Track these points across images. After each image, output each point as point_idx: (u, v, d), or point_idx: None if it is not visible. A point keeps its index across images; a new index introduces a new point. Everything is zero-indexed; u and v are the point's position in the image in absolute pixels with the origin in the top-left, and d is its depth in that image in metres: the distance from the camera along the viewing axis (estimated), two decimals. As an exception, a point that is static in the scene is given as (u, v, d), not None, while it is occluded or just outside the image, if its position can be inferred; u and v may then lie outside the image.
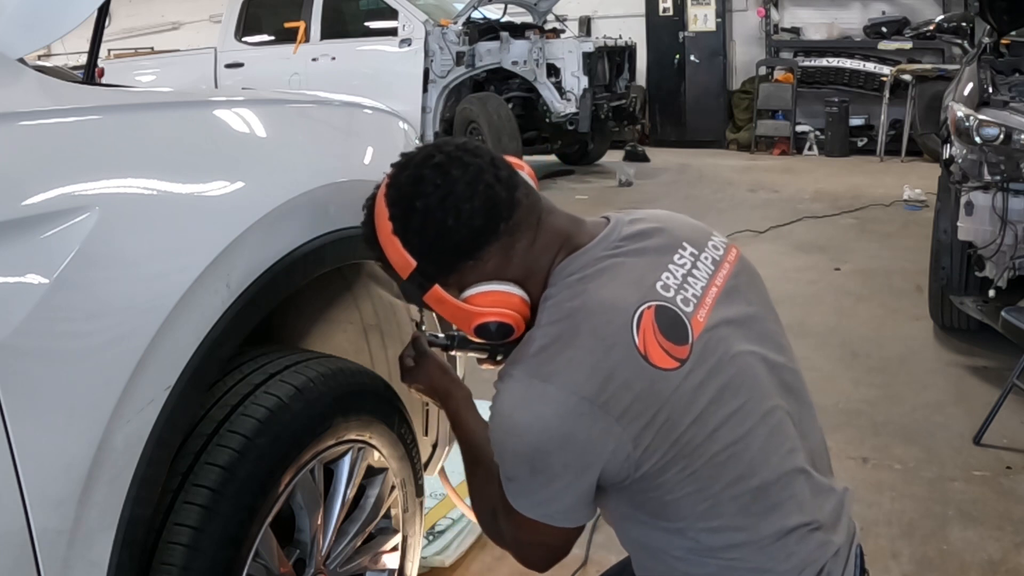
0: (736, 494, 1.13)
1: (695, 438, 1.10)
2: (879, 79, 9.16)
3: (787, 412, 1.21)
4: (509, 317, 1.15)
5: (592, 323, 1.10)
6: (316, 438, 1.32)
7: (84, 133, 1.10)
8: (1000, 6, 3.73)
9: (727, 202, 6.98)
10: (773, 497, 1.16)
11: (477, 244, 1.13)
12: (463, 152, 1.15)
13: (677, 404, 1.09)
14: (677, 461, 1.10)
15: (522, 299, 1.16)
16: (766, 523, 1.15)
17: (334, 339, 1.78)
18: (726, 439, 1.12)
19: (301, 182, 1.35)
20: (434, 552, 2.18)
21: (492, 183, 1.13)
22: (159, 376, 1.07)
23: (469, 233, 1.12)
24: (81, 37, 1.51)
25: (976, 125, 3.22)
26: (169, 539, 1.13)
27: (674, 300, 1.14)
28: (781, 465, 1.17)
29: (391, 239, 1.15)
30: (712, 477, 1.12)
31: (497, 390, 1.13)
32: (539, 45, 7.70)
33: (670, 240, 1.22)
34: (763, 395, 1.18)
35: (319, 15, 8.17)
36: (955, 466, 2.68)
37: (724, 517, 1.13)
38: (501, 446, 1.12)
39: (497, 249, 1.14)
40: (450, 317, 1.19)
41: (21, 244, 0.94)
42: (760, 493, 1.14)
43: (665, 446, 1.09)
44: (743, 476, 1.13)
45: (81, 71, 1.57)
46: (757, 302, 1.27)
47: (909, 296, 4.32)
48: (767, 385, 1.20)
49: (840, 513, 1.25)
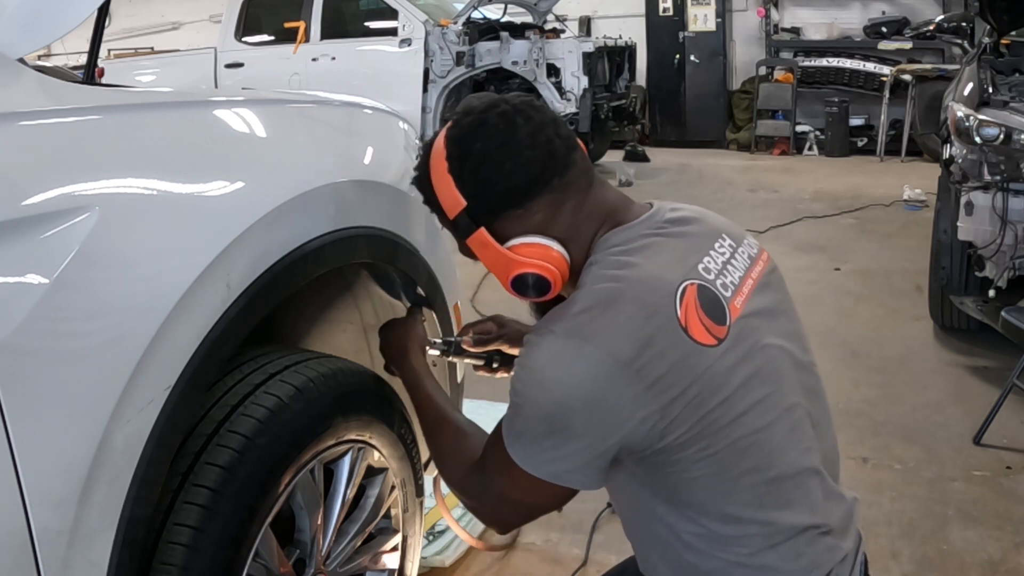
0: (752, 483, 1.13)
1: (721, 419, 1.09)
2: (879, 79, 9.16)
3: (807, 412, 1.21)
4: (549, 272, 1.15)
5: (636, 291, 1.09)
6: (316, 438, 1.32)
7: (84, 133, 1.10)
8: (1000, 6, 3.73)
9: (727, 202, 6.97)
10: (787, 492, 1.15)
11: (529, 193, 1.14)
12: (528, 106, 1.17)
13: (709, 382, 1.09)
14: (700, 439, 1.09)
15: (563, 257, 1.16)
16: (778, 518, 1.14)
17: (334, 339, 1.78)
18: (750, 426, 1.12)
19: (301, 182, 1.35)
20: (434, 552, 2.18)
21: (553, 137, 1.15)
22: (159, 376, 1.07)
23: (523, 180, 1.13)
24: (81, 37, 1.51)
25: (976, 125, 3.22)
26: (169, 539, 1.13)
27: (714, 283, 1.15)
28: (798, 462, 1.17)
29: (445, 178, 1.16)
30: (731, 462, 1.11)
31: (530, 344, 1.11)
32: (539, 45, 7.70)
33: (710, 230, 1.23)
34: (787, 390, 1.18)
35: (319, 15, 8.17)
36: (955, 466, 2.68)
37: (737, 505, 1.13)
38: (523, 398, 1.10)
39: (546, 203, 1.15)
40: (490, 263, 1.19)
41: (21, 244, 0.94)
42: (775, 486, 1.14)
43: (691, 421, 1.08)
44: (761, 466, 1.13)
45: (81, 71, 1.57)
46: (786, 303, 1.28)
47: (909, 296, 4.32)
48: (792, 381, 1.20)
49: (849, 521, 1.24)
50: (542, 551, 2.27)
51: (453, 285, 1.87)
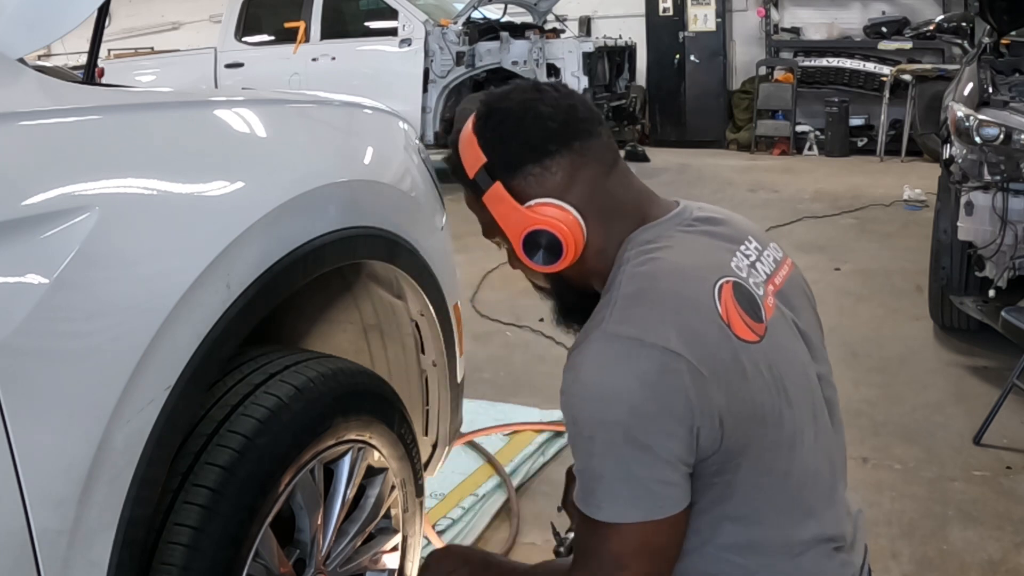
0: (783, 489, 1.10)
1: (765, 419, 1.06)
2: (879, 79, 9.16)
3: (827, 422, 1.20)
4: (562, 232, 1.10)
5: (675, 285, 1.06)
6: (316, 438, 1.32)
7: (84, 133, 1.10)
8: (1000, 6, 3.73)
9: (727, 202, 6.96)
10: (810, 503, 1.13)
11: (546, 147, 1.12)
12: (558, 83, 1.21)
13: (755, 380, 1.05)
14: (751, 440, 1.05)
15: (579, 223, 1.12)
16: (802, 529, 1.12)
17: (334, 339, 1.78)
18: (785, 429, 1.08)
19: (301, 182, 1.35)
20: (434, 552, 2.18)
21: (577, 105, 1.15)
22: (159, 376, 1.07)
23: (541, 132, 1.12)
24: (81, 37, 1.51)
25: (976, 125, 3.22)
26: (169, 539, 1.13)
27: (747, 280, 1.12)
28: (821, 473, 1.15)
29: (470, 138, 1.17)
30: (770, 466, 1.08)
31: (574, 360, 1.05)
32: (539, 45, 7.70)
33: (737, 231, 1.22)
34: (812, 398, 1.16)
35: (319, 15, 8.17)
36: (955, 466, 2.68)
37: (767, 512, 1.10)
38: (589, 424, 1.01)
39: (566, 164, 1.13)
40: (504, 220, 1.14)
41: (21, 244, 0.94)
42: (800, 495, 1.12)
43: (745, 420, 1.03)
44: (790, 473, 1.10)
45: (81, 71, 1.57)
46: (809, 312, 1.26)
47: (909, 296, 4.32)
48: (816, 391, 1.18)
49: (857, 534, 1.23)
50: (543, 551, 2.27)
51: (453, 285, 1.87)
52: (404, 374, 1.82)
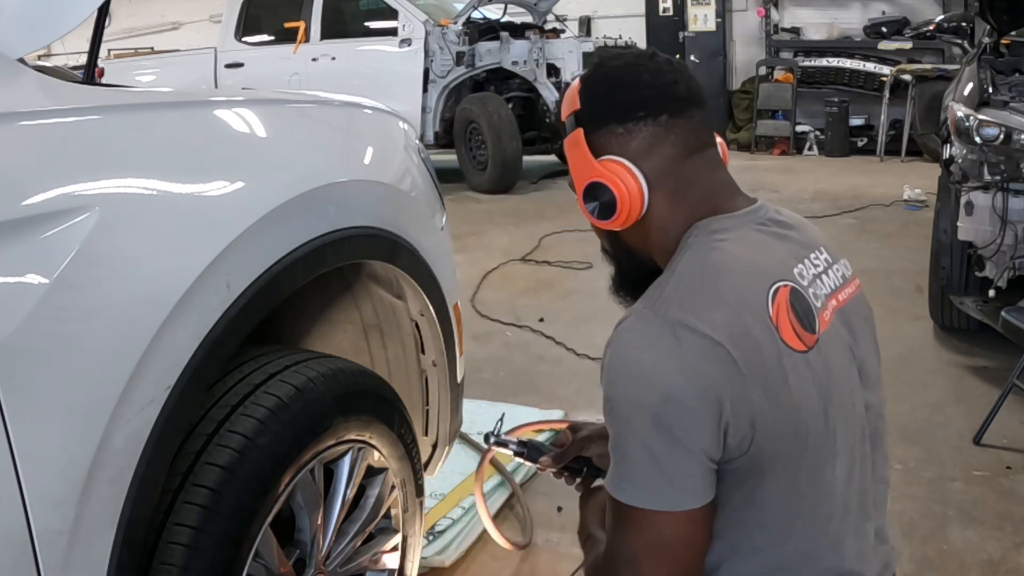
0: (813, 513, 1.07)
1: (801, 432, 1.03)
2: (879, 79, 9.16)
3: (868, 455, 1.16)
4: (620, 192, 1.11)
5: (732, 280, 1.05)
6: (316, 438, 1.32)
7: (84, 133, 1.10)
8: (1000, 6, 3.73)
9: (727, 202, 6.97)
10: (838, 533, 1.09)
11: (633, 112, 1.13)
12: (677, 63, 1.22)
13: (796, 389, 1.03)
14: (781, 450, 1.02)
15: (642, 190, 1.12)
16: (827, 558, 1.09)
17: (334, 339, 1.78)
18: (822, 448, 1.06)
19: (301, 182, 1.35)
20: (434, 552, 2.18)
21: (679, 82, 1.16)
22: (159, 376, 1.07)
23: (632, 96, 1.14)
24: (81, 37, 1.51)
25: (976, 125, 3.22)
26: (169, 539, 1.13)
27: (807, 290, 1.10)
28: (850, 504, 1.11)
29: (576, 85, 1.19)
30: (791, 483, 1.05)
31: (618, 333, 1.04)
32: (539, 45, 7.70)
33: (809, 239, 1.19)
34: (854, 424, 1.13)
35: (319, 15, 8.17)
36: (955, 466, 2.68)
37: (786, 533, 1.07)
38: (622, 404, 1.01)
39: (648, 133, 1.13)
40: (573, 165, 1.18)
41: (21, 244, 0.94)
42: (829, 523, 1.08)
43: (778, 427, 1.01)
44: (823, 498, 1.07)
45: (81, 71, 1.57)
46: (868, 338, 1.21)
47: (909, 296, 4.31)
48: (859, 419, 1.14)
49: (886, 573, 1.19)
50: (543, 551, 2.27)
51: (453, 285, 1.87)
52: (404, 374, 1.82)
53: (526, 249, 5.53)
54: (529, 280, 4.92)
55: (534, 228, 6.10)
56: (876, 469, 1.19)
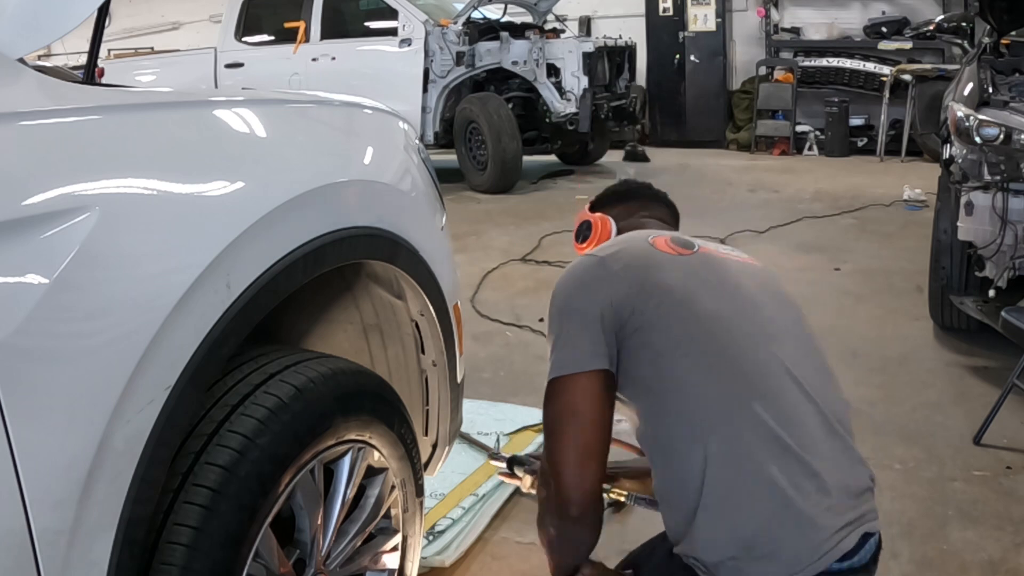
0: (711, 362, 1.39)
1: (681, 301, 1.42)
2: (879, 79, 9.16)
3: (786, 350, 1.44)
4: (594, 224, 1.77)
5: (629, 236, 1.61)
6: (316, 438, 1.33)
7: (84, 133, 1.10)
8: (1000, 6, 3.73)
9: (727, 202, 6.98)
10: (758, 387, 1.37)
11: (615, 198, 1.85)
12: (661, 193, 1.89)
13: (671, 275, 1.45)
14: (669, 311, 1.41)
15: (611, 229, 1.75)
16: (744, 405, 1.35)
17: (334, 339, 1.78)
18: (704, 309, 1.42)
19: (301, 182, 1.35)
20: (434, 552, 2.19)
21: (649, 189, 1.88)
22: (159, 376, 1.07)
23: (620, 195, 1.86)
24: (81, 37, 1.51)
25: (976, 125, 3.22)
26: (169, 539, 1.13)
27: (692, 239, 1.56)
28: (770, 364, 1.40)
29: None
30: (686, 334, 1.40)
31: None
32: (539, 45, 7.70)
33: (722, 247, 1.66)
34: (757, 315, 1.46)
35: (319, 15, 8.17)
36: (955, 466, 2.68)
37: (697, 381, 1.38)
38: (550, 308, 1.48)
39: (622, 207, 1.81)
40: (579, 217, 1.82)
41: (21, 244, 0.94)
42: (739, 376, 1.38)
43: (659, 297, 1.42)
44: (717, 350, 1.39)
45: (81, 71, 1.57)
46: (764, 273, 1.59)
47: (909, 296, 4.32)
48: (763, 310, 1.48)
49: (841, 452, 1.46)
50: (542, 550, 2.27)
51: (453, 285, 1.87)
52: (404, 374, 1.82)
53: (526, 249, 5.53)
54: (529, 280, 4.92)
55: (534, 228, 6.10)
56: (802, 345, 1.50)
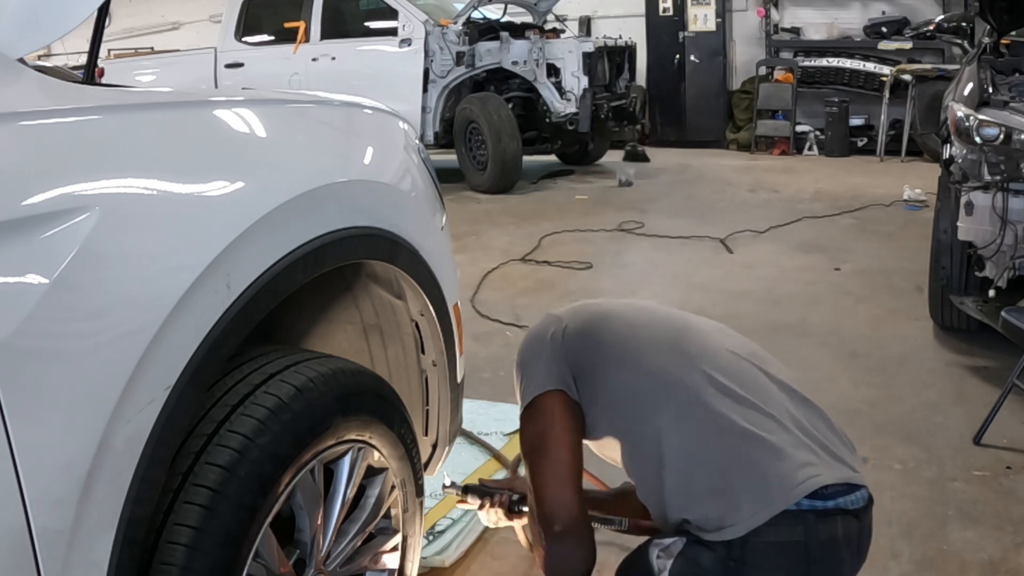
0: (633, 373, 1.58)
1: (607, 319, 1.68)
2: (879, 79, 9.16)
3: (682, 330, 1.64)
4: None
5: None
6: (316, 438, 1.32)
7: (84, 133, 1.10)
8: (1000, 6, 3.73)
9: (727, 202, 6.98)
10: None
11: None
12: None
13: (608, 305, 1.75)
14: (601, 336, 1.64)
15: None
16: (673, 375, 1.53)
17: (334, 339, 1.78)
18: (647, 325, 1.66)
19: (301, 182, 1.35)
20: (434, 552, 2.18)
21: None
22: (159, 376, 1.07)
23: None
24: (81, 37, 1.51)
25: (976, 125, 3.22)
26: (169, 539, 1.13)
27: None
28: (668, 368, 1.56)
29: None
30: (625, 346, 1.61)
31: None
32: (539, 45, 7.70)
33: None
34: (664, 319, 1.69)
35: (319, 15, 8.17)
36: (955, 466, 2.68)
37: (632, 397, 1.55)
38: (515, 366, 1.72)
39: None
40: None
41: (21, 244, 0.94)
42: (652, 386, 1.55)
43: (593, 325, 1.67)
44: (653, 383, 1.55)
45: (81, 71, 1.57)
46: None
47: (909, 296, 4.32)
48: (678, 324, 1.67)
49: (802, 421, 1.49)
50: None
51: (453, 285, 1.87)
52: (404, 374, 1.82)
53: (526, 249, 5.53)
54: (529, 280, 4.92)
55: (534, 228, 6.10)
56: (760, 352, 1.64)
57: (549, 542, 1.49)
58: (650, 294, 4.49)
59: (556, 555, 1.50)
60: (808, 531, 1.34)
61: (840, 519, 1.37)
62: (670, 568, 1.40)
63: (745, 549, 1.34)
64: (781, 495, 1.35)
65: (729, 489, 1.38)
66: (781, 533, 1.34)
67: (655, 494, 1.47)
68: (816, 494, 1.36)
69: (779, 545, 1.34)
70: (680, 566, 1.39)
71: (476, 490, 1.88)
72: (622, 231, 5.99)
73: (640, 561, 1.46)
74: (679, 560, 1.39)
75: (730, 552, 1.35)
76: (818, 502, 1.36)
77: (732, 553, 1.35)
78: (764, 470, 1.38)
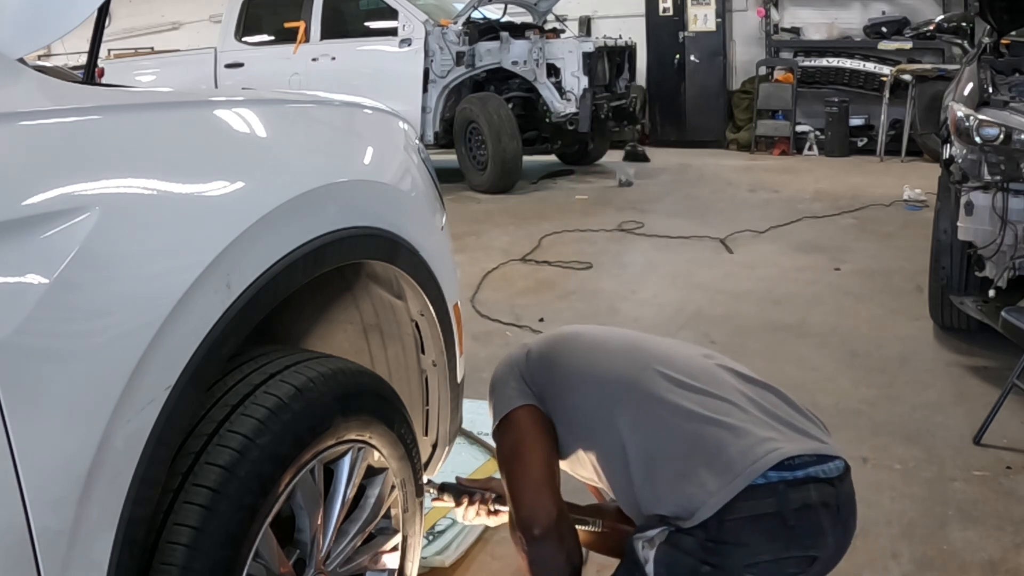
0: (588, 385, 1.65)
1: (569, 338, 1.77)
2: (879, 79, 9.16)
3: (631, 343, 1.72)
4: None
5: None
6: (316, 438, 1.32)
7: (84, 133, 1.10)
8: (1000, 6, 3.73)
9: (727, 202, 6.98)
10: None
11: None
12: None
13: (572, 328, 1.86)
14: (559, 351, 1.73)
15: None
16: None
17: (334, 339, 1.78)
18: (603, 339, 1.76)
19: (301, 182, 1.35)
20: (434, 552, 2.18)
21: None
22: (159, 376, 1.07)
23: None
24: (81, 37, 1.51)
25: (976, 125, 3.22)
26: (169, 539, 1.13)
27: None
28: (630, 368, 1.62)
29: None
30: (579, 359, 1.70)
31: None
32: (539, 45, 7.70)
33: None
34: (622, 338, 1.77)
35: (319, 15, 8.17)
36: (955, 466, 2.68)
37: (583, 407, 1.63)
38: (489, 392, 1.77)
39: None
40: None
41: (21, 244, 0.94)
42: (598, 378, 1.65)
43: (553, 346, 1.77)
44: (595, 385, 1.63)
45: (81, 71, 1.57)
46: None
47: (909, 296, 4.32)
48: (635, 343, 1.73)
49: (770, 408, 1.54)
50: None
51: (453, 285, 1.87)
52: (404, 374, 1.82)
53: (526, 249, 5.53)
54: (529, 280, 4.92)
55: (534, 228, 6.10)
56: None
57: (530, 546, 1.53)
58: (650, 294, 4.49)
59: (539, 558, 1.53)
60: (780, 500, 1.38)
61: (813, 486, 1.41)
62: (654, 556, 1.43)
63: (721, 528, 1.38)
64: (744, 470, 1.38)
65: (693, 472, 1.41)
66: (753, 507, 1.37)
67: (627, 494, 1.51)
68: (784, 465, 1.40)
69: (753, 519, 1.37)
70: (663, 553, 1.42)
71: (452, 488, 1.89)
72: (622, 231, 5.99)
73: (627, 553, 1.48)
74: (662, 547, 1.43)
75: (707, 533, 1.38)
76: (786, 473, 1.39)
77: (709, 534, 1.38)
78: (725, 448, 1.42)
